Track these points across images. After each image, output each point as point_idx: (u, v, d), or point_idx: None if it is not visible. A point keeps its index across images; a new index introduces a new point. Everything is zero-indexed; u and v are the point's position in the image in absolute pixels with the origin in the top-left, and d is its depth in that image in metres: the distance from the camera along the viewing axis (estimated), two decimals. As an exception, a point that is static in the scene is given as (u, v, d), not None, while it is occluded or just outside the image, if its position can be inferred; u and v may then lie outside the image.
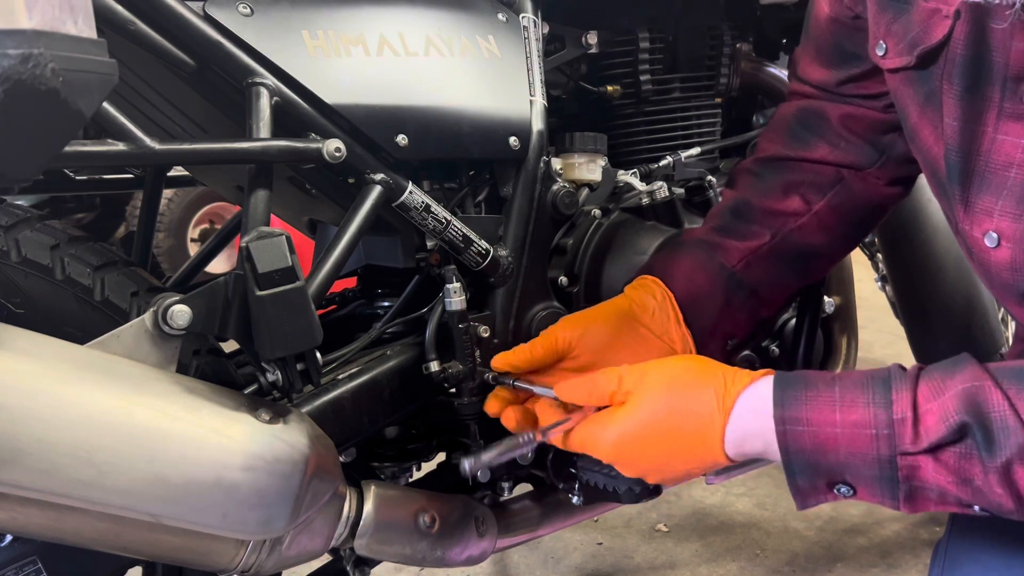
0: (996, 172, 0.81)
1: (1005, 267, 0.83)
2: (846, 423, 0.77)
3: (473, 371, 1.07)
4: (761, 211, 1.08)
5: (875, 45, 0.92)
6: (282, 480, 0.84)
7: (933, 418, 0.74)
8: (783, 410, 0.79)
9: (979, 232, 0.84)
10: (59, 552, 0.89)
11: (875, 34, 0.93)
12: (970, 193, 0.85)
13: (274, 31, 0.96)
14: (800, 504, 0.83)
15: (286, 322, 0.84)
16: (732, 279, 1.06)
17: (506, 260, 1.11)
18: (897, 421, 0.75)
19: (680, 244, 1.10)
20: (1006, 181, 0.80)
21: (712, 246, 1.07)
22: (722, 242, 1.07)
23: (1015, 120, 0.79)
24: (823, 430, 0.77)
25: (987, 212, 0.83)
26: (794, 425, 0.78)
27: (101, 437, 0.76)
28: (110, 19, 0.86)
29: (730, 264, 1.06)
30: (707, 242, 1.08)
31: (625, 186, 1.27)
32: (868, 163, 1.08)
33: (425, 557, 1.06)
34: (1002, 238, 0.82)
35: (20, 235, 0.88)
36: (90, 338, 0.83)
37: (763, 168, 1.12)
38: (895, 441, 0.75)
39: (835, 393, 0.78)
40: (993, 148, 0.81)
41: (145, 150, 0.85)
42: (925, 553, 1.86)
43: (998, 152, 0.81)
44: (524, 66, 1.13)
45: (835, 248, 1.13)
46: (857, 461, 0.77)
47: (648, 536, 2.02)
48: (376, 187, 1.00)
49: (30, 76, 0.60)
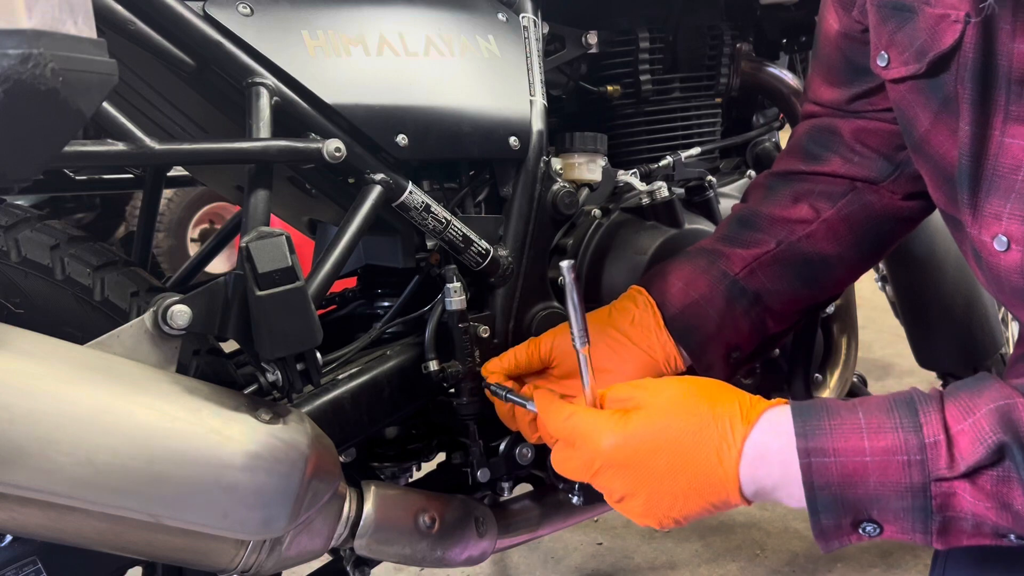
0: (1004, 176, 0.80)
1: (1015, 271, 0.81)
2: (875, 450, 0.72)
3: (473, 371, 1.07)
4: (768, 219, 1.06)
5: (876, 56, 0.91)
6: (282, 480, 0.84)
7: (967, 440, 0.70)
8: (807, 441, 0.73)
9: (988, 236, 0.83)
10: (59, 552, 0.89)
11: (876, 45, 0.92)
12: (979, 197, 0.83)
13: (274, 31, 0.96)
14: (824, 547, 0.77)
15: (286, 322, 0.84)
16: (734, 285, 1.04)
17: (506, 260, 1.11)
18: (929, 445, 0.70)
19: (682, 254, 1.09)
20: (1014, 184, 0.79)
21: (714, 254, 1.06)
22: (725, 250, 1.06)
23: (1021, 123, 0.79)
24: (851, 459, 0.72)
25: (996, 216, 0.82)
26: (820, 456, 0.73)
27: (101, 437, 0.76)
28: (110, 19, 0.86)
29: (732, 271, 1.04)
30: (709, 250, 1.07)
31: (625, 186, 1.27)
32: (882, 177, 1.06)
33: (425, 557, 1.06)
34: (1012, 241, 0.81)
35: (20, 235, 0.88)
36: (90, 338, 0.83)
37: (775, 181, 1.11)
38: (928, 467, 0.70)
39: (860, 419, 0.73)
40: (1001, 151, 0.80)
41: (145, 150, 0.85)
42: (925, 553, 1.86)
43: (1006, 155, 0.80)
44: (524, 66, 1.13)
45: (849, 260, 1.09)
46: (887, 492, 0.72)
47: (648, 536, 2.02)
48: (376, 187, 1.00)
49: (30, 76, 0.60)
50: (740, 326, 1.05)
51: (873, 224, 1.07)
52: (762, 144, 1.52)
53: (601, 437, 0.79)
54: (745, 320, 1.05)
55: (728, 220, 1.11)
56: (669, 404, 0.79)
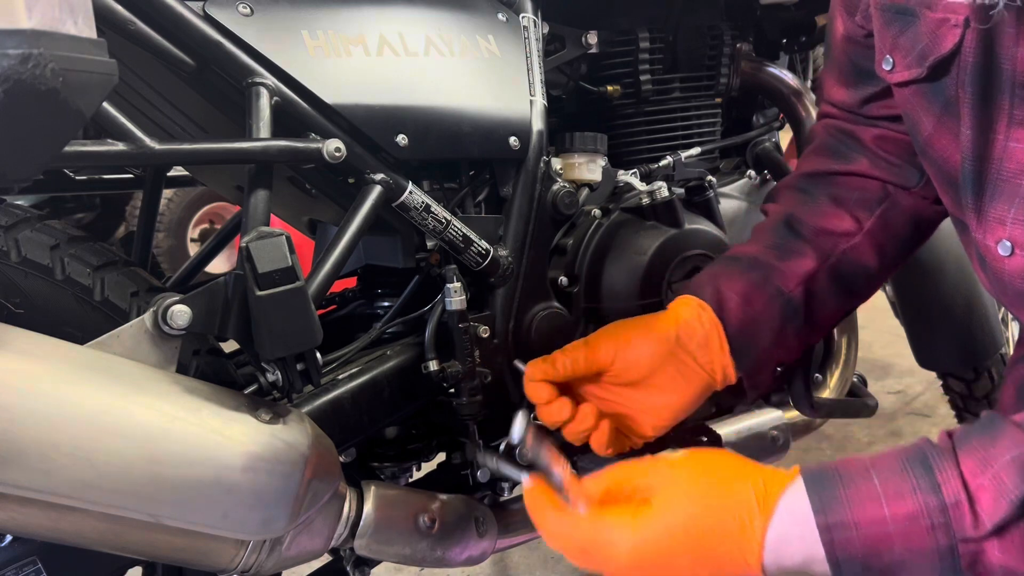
0: (1009, 180, 0.80)
1: (1019, 275, 0.81)
2: (896, 517, 0.70)
3: (472, 371, 1.07)
4: (813, 229, 1.05)
5: (881, 60, 0.91)
6: (282, 480, 0.84)
7: (989, 496, 0.68)
8: (826, 516, 0.71)
9: (992, 241, 0.83)
10: (59, 552, 0.89)
11: (881, 49, 0.92)
12: (983, 202, 0.83)
13: (274, 31, 0.96)
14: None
15: (286, 322, 0.84)
16: (788, 304, 1.02)
17: (506, 260, 1.11)
18: (951, 505, 0.69)
19: (733, 262, 1.06)
20: (1018, 189, 0.79)
21: (768, 268, 1.03)
22: (778, 264, 1.03)
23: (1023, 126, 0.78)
24: (873, 530, 0.70)
25: (1000, 220, 0.81)
26: (841, 531, 0.71)
27: (101, 437, 0.76)
28: (110, 19, 0.86)
29: (787, 288, 1.02)
30: (762, 262, 1.04)
31: (625, 186, 1.27)
32: (912, 182, 1.05)
33: (425, 557, 1.06)
34: (1016, 246, 0.80)
35: (20, 235, 0.88)
36: (90, 338, 0.83)
37: (808, 184, 1.09)
38: (952, 528, 0.68)
39: (875, 486, 0.71)
40: (1005, 155, 0.80)
41: (145, 150, 0.85)
42: (925, 553, 1.85)
43: (1010, 159, 0.79)
44: (524, 66, 1.13)
45: (887, 268, 1.08)
46: (914, 558, 0.70)
47: (648, 536, 2.01)
48: (376, 187, 1.00)
49: (30, 76, 0.60)
50: (790, 343, 1.04)
51: (908, 230, 1.07)
52: (762, 144, 1.51)
53: (615, 547, 0.76)
54: (795, 337, 1.04)
55: (772, 226, 1.08)
56: (682, 498, 0.76)
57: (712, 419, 1.34)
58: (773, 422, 1.34)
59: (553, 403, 0.98)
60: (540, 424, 0.98)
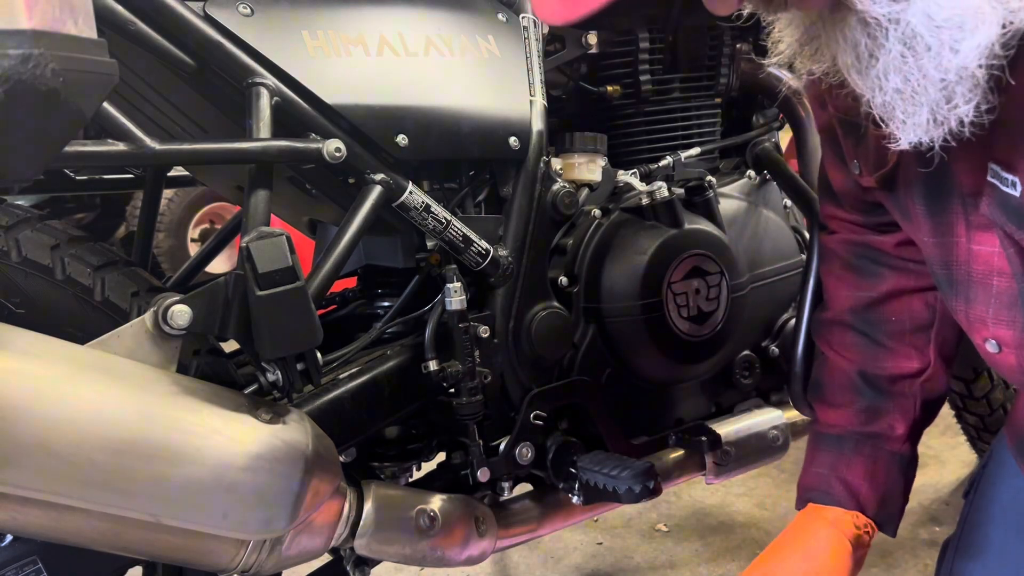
0: (980, 282, 0.82)
1: (1013, 370, 0.83)
2: None
3: (472, 371, 1.07)
4: (889, 379, 1.07)
5: (850, 163, 0.93)
6: (282, 480, 0.84)
7: None
8: None
9: (979, 339, 0.85)
10: (59, 552, 0.89)
11: (848, 155, 0.94)
12: (960, 302, 0.85)
13: (274, 31, 0.96)
14: None
15: (286, 322, 0.84)
16: (903, 459, 1.07)
17: (506, 260, 1.11)
18: None
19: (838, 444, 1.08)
20: (991, 289, 0.81)
21: (872, 436, 1.06)
22: (878, 429, 1.06)
23: (984, 229, 0.80)
24: None
25: (982, 321, 0.84)
26: None
27: (101, 437, 0.76)
28: (110, 19, 0.86)
29: (898, 449, 1.07)
30: (865, 434, 1.07)
31: (625, 186, 1.27)
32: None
33: (425, 557, 1.06)
34: (1002, 345, 0.83)
35: (20, 235, 0.88)
36: (90, 338, 0.83)
37: (858, 322, 1.09)
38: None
39: None
40: (971, 258, 0.82)
41: (145, 150, 0.85)
42: (925, 553, 1.86)
43: (977, 261, 0.81)
44: (524, 66, 1.13)
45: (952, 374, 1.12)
46: None
47: (648, 536, 2.02)
48: (376, 187, 1.00)
49: (30, 76, 0.60)
50: (909, 485, 1.09)
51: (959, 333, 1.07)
52: (762, 144, 1.51)
53: None
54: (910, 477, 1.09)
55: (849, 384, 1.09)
56: None
57: (712, 419, 1.34)
58: (773, 422, 1.34)
59: None
60: None
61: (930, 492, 2.16)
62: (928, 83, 0.68)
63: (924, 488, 2.14)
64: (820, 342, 1.15)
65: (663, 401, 1.32)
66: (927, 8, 0.66)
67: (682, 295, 1.23)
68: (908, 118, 0.71)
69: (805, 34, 0.78)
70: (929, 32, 0.66)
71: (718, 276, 1.26)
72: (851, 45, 0.71)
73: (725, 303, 1.27)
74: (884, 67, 0.70)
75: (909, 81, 0.69)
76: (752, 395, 1.42)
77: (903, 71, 0.69)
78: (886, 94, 0.71)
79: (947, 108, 0.68)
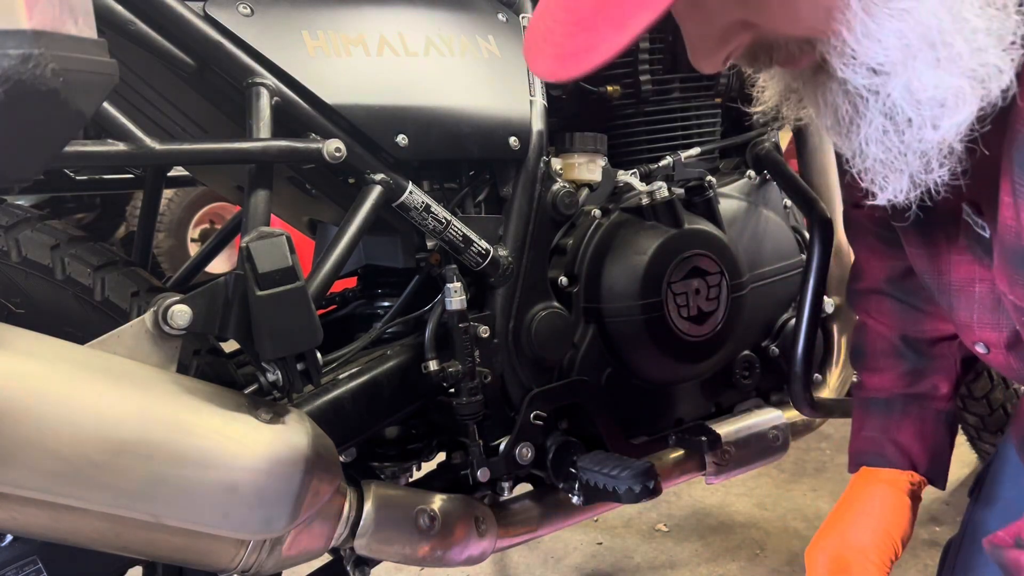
0: (963, 289, 0.85)
1: (1004, 367, 0.86)
2: None
3: (472, 371, 1.07)
4: (930, 341, 1.09)
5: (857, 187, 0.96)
6: (282, 480, 0.84)
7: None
8: None
9: (969, 342, 0.88)
10: (59, 552, 0.89)
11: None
12: (948, 310, 0.89)
13: (274, 31, 0.96)
14: None
15: (286, 322, 0.84)
16: (950, 416, 1.10)
17: (506, 260, 1.11)
18: None
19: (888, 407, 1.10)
20: (973, 295, 0.83)
21: (918, 398, 1.09)
22: (923, 390, 1.09)
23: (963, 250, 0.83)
24: None
25: (968, 326, 0.87)
26: None
27: (101, 437, 0.76)
28: (110, 19, 0.86)
29: (944, 407, 1.09)
30: (910, 396, 1.09)
31: (625, 186, 1.27)
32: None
33: (425, 557, 1.06)
34: (990, 346, 0.86)
35: (20, 235, 0.88)
36: (90, 338, 0.83)
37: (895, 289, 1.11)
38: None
39: None
40: (952, 269, 0.85)
41: (145, 150, 0.85)
42: (925, 553, 1.86)
43: (958, 271, 0.85)
44: (524, 66, 1.13)
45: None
46: None
47: (648, 536, 2.02)
48: (376, 187, 1.00)
49: (30, 76, 0.60)
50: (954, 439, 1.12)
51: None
52: (762, 144, 1.51)
53: None
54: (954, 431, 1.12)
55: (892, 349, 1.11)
56: None
57: (712, 419, 1.34)
58: (773, 422, 1.34)
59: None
60: None
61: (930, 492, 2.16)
62: (909, 154, 0.70)
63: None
64: (858, 311, 1.17)
65: (663, 401, 1.32)
66: (909, 84, 0.67)
67: (682, 295, 1.23)
68: (888, 184, 0.73)
69: (787, 89, 0.80)
70: (911, 107, 0.67)
71: (718, 276, 1.26)
72: (831, 109, 0.73)
73: (725, 303, 1.27)
74: (865, 137, 0.71)
75: (890, 152, 0.70)
76: (752, 395, 1.42)
77: (884, 143, 0.70)
78: (867, 161, 0.73)
79: (925, 174, 0.70)
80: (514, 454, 1.13)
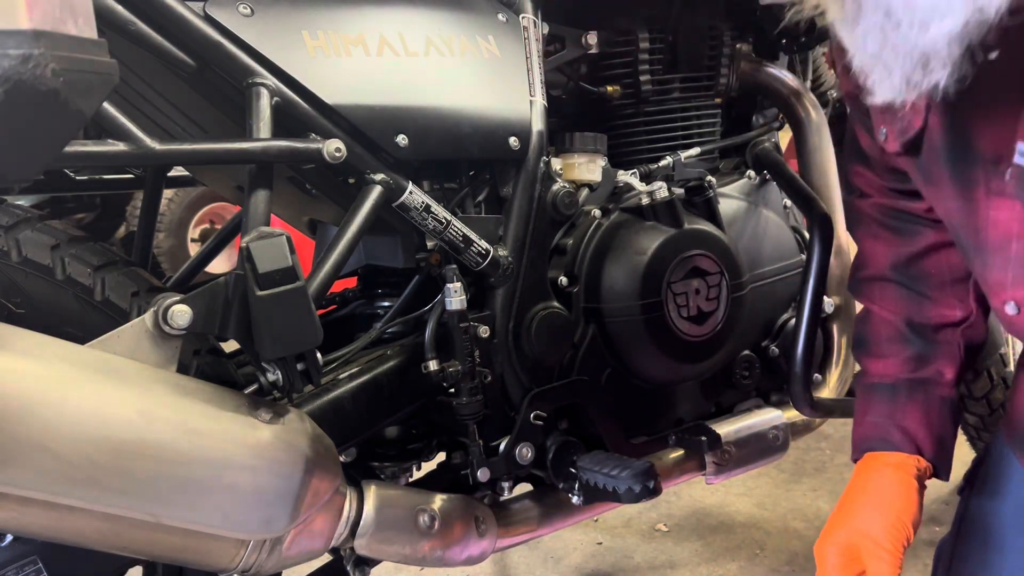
0: (999, 248, 0.84)
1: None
2: None
3: (472, 371, 1.07)
4: (934, 328, 1.09)
5: (878, 130, 0.95)
6: (282, 480, 0.84)
7: None
8: None
9: (999, 303, 0.87)
10: (59, 552, 0.89)
11: (876, 122, 0.96)
12: (981, 267, 0.87)
13: (274, 31, 0.96)
14: None
15: (286, 322, 0.84)
16: (954, 404, 1.09)
17: (506, 260, 1.11)
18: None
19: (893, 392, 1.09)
20: (1009, 254, 0.83)
21: (923, 383, 1.08)
22: (928, 375, 1.08)
23: (1002, 196, 0.82)
24: None
25: (1001, 285, 0.85)
26: None
27: (101, 437, 0.76)
28: (110, 19, 0.86)
29: (947, 394, 1.09)
30: (915, 380, 1.09)
31: (625, 186, 1.27)
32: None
33: (425, 557, 1.06)
34: (1020, 305, 0.85)
35: (20, 235, 0.88)
36: (90, 338, 0.83)
37: (901, 276, 1.11)
38: None
39: None
40: (989, 224, 0.84)
41: (145, 150, 0.85)
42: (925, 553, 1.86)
43: (995, 228, 0.84)
44: (524, 66, 1.13)
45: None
46: None
47: (648, 536, 2.02)
48: (376, 187, 1.00)
49: (30, 76, 0.60)
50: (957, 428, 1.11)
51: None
52: (762, 144, 1.51)
53: None
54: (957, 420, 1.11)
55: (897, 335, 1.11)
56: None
57: (712, 419, 1.34)
58: (773, 422, 1.34)
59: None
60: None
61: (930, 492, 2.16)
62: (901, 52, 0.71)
63: (924, 488, 2.14)
64: (862, 299, 1.16)
65: (663, 401, 1.32)
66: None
67: (682, 295, 1.23)
68: (883, 79, 0.74)
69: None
70: (903, 8, 0.70)
71: (718, 276, 1.26)
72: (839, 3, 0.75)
73: (725, 303, 1.27)
74: (864, 30, 0.73)
75: (885, 47, 0.72)
76: (752, 395, 1.42)
77: (880, 39, 0.73)
78: (864, 56, 0.75)
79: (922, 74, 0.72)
80: (514, 454, 1.13)
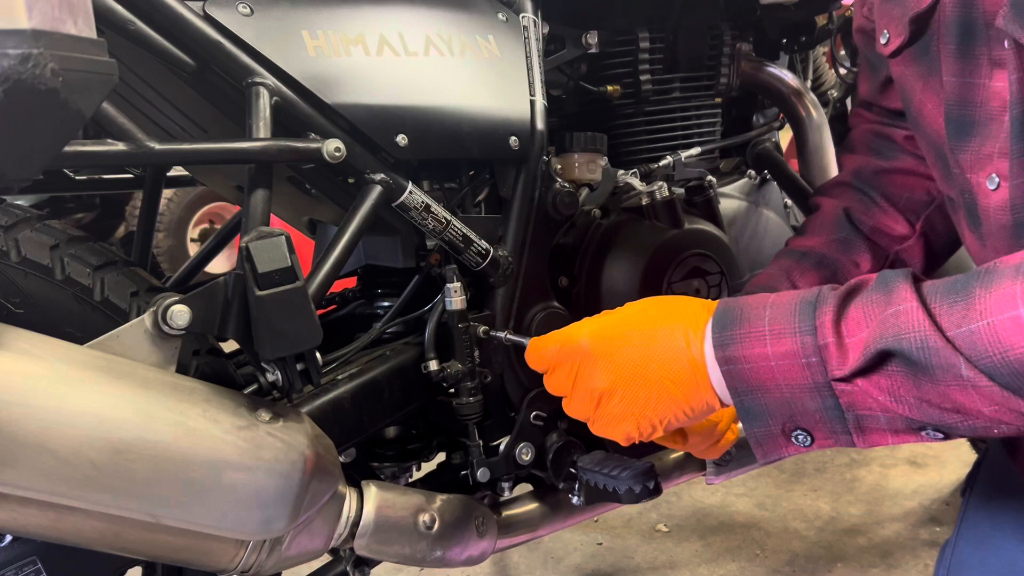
0: (994, 118, 0.83)
1: (1002, 207, 0.85)
2: (777, 355, 0.75)
3: (472, 371, 1.07)
4: (870, 228, 1.09)
5: (880, 36, 0.96)
6: (282, 480, 0.84)
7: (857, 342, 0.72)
8: (723, 350, 0.77)
9: (983, 178, 0.86)
10: (59, 552, 0.89)
11: (879, 27, 0.97)
12: (972, 142, 0.87)
13: (274, 31, 0.96)
14: (760, 455, 0.81)
15: (286, 322, 0.84)
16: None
17: (506, 260, 1.11)
18: (822, 347, 0.73)
19: (802, 257, 1.09)
20: (1003, 124, 0.82)
21: (835, 262, 1.08)
22: (842, 259, 1.08)
23: (1001, 66, 0.82)
24: (759, 365, 0.76)
25: (988, 157, 0.85)
26: (734, 364, 0.77)
27: (100, 437, 0.76)
28: (110, 19, 0.86)
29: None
30: (829, 258, 1.08)
31: (625, 186, 1.27)
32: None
33: (425, 557, 1.06)
34: (1001, 178, 0.84)
35: (20, 235, 0.88)
36: (90, 338, 0.83)
37: (860, 182, 1.12)
38: (826, 367, 0.73)
39: (765, 326, 0.76)
40: (988, 96, 0.84)
41: (145, 150, 0.85)
42: (925, 553, 1.86)
43: (993, 99, 0.84)
44: (524, 66, 1.13)
45: (929, 271, 1.13)
46: (799, 395, 0.74)
47: (648, 536, 2.02)
48: (376, 187, 1.00)
49: (30, 76, 0.60)
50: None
51: (950, 234, 1.10)
52: (762, 144, 1.52)
53: (580, 334, 0.86)
54: None
55: (832, 220, 1.11)
56: (637, 306, 0.87)
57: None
58: (773, 422, 1.34)
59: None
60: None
61: (930, 492, 2.16)
62: None
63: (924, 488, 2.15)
64: (817, 197, 1.16)
65: (663, 401, 1.31)
66: None
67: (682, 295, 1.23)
68: None
69: None
70: None
71: (718, 276, 1.26)
72: None
73: (725, 303, 1.26)
74: None
75: None
76: (752, 395, 1.41)
77: None
78: None
79: None
80: (514, 454, 1.13)
